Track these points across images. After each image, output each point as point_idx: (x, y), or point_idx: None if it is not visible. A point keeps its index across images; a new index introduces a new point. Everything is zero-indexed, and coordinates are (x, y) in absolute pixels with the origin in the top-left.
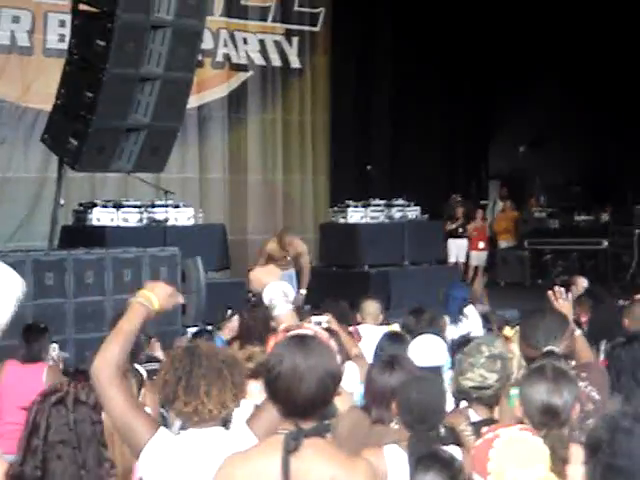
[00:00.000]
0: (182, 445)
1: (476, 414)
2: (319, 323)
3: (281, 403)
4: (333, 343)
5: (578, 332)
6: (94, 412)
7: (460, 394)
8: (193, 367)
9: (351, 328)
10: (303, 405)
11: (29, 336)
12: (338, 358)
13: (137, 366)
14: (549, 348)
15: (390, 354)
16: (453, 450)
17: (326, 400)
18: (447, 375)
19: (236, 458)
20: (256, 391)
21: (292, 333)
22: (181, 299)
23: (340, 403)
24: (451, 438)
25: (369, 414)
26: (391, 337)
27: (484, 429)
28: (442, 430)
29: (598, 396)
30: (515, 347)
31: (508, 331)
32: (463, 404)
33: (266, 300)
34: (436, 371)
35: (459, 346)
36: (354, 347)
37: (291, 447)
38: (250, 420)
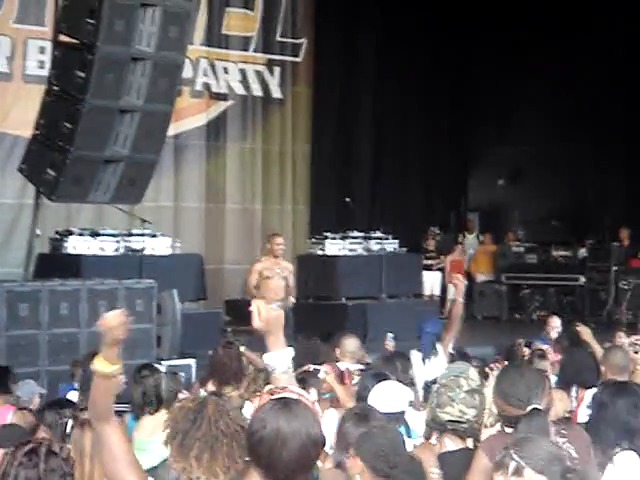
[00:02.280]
0: None
1: (452, 443)
2: (317, 372)
3: (263, 467)
4: (317, 407)
5: None
6: (66, 464)
7: (435, 425)
8: (191, 428)
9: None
10: (285, 470)
11: None
12: (321, 423)
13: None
14: (533, 406)
15: (362, 406)
16: None
17: (308, 465)
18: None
19: None
20: None
21: (276, 396)
22: (126, 324)
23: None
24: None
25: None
26: (376, 376)
27: None
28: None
29: (576, 454)
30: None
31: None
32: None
33: (266, 362)
34: (398, 417)
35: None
36: (349, 401)
37: None
38: None
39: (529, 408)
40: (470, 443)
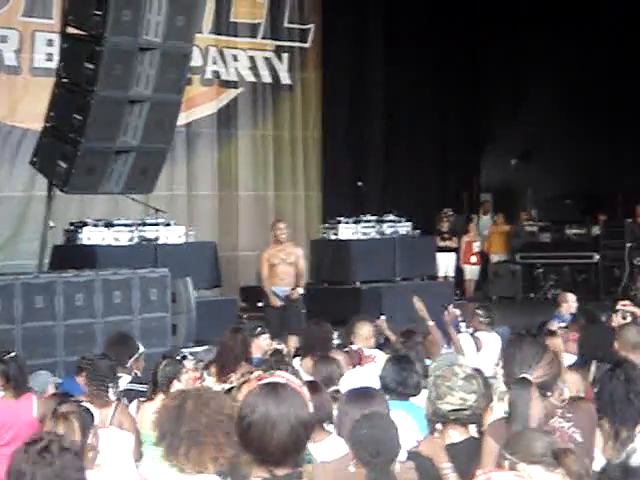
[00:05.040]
0: None
1: (457, 434)
2: None
3: (254, 451)
4: (305, 390)
5: None
6: (77, 459)
7: (436, 417)
8: (177, 427)
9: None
10: (275, 453)
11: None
12: (310, 406)
13: (88, 406)
14: (522, 376)
15: (363, 388)
16: None
17: (298, 448)
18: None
19: None
20: None
21: (264, 381)
22: None
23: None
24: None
25: None
26: (397, 360)
27: (478, 472)
28: (397, 466)
29: (581, 438)
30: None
31: None
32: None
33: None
34: None
35: None
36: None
37: None
38: None
39: (518, 377)
40: (473, 431)
